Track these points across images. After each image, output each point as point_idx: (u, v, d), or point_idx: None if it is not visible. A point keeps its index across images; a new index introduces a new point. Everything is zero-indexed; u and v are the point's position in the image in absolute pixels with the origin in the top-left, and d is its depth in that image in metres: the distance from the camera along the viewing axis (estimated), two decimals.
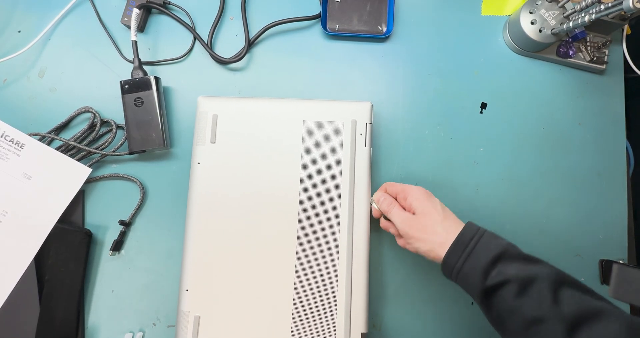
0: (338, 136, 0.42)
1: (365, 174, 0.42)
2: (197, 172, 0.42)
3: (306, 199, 0.41)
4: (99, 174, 0.45)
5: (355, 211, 0.41)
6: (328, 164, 0.42)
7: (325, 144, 0.42)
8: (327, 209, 0.41)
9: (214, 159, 0.42)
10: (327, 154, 0.42)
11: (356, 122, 0.43)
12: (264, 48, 0.49)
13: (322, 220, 0.41)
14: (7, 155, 0.42)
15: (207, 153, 0.42)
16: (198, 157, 0.42)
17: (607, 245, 0.47)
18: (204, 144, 0.42)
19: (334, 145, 0.42)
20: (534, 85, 0.49)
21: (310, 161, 0.42)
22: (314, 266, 0.40)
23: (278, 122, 0.43)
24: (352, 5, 0.49)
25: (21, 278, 0.41)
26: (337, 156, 0.42)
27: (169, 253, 0.44)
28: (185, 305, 0.40)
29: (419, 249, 0.35)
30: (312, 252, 0.41)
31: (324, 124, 0.43)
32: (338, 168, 0.42)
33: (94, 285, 0.44)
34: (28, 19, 0.48)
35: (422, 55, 0.49)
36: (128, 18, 0.46)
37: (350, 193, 0.42)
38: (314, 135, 0.42)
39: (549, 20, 0.46)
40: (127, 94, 0.44)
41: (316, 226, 0.41)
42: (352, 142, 0.42)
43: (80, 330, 0.42)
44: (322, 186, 0.42)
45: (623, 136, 0.49)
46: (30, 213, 0.42)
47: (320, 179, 0.42)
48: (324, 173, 0.42)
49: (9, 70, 0.47)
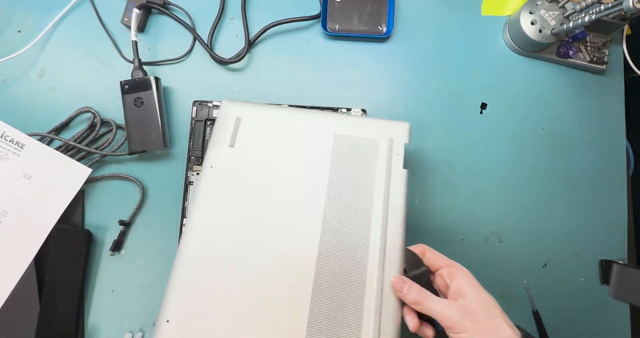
0: (372, 154, 0.38)
1: (401, 197, 0.37)
2: (208, 176, 0.36)
3: (331, 218, 0.36)
4: (99, 174, 0.45)
5: (388, 241, 0.35)
6: (359, 183, 0.37)
7: (357, 161, 0.38)
8: (354, 234, 0.35)
9: (229, 163, 0.37)
10: (358, 172, 0.37)
11: (392, 141, 0.39)
12: (264, 48, 0.49)
13: (347, 246, 0.35)
14: (7, 155, 0.42)
15: (223, 156, 0.37)
16: (212, 160, 0.37)
17: (607, 245, 0.47)
18: (220, 147, 0.37)
19: (366, 163, 0.38)
20: (534, 85, 0.49)
21: (339, 177, 0.37)
22: (331, 314, 0.33)
23: (306, 133, 0.39)
24: (352, 5, 0.49)
25: (21, 278, 0.41)
26: (369, 175, 0.37)
27: (169, 253, 0.44)
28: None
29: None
30: (330, 295, 0.33)
31: (358, 140, 0.38)
32: (370, 187, 0.37)
33: (94, 285, 0.44)
34: (28, 19, 0.48)
35: (422, 55, 0.49)
36: (128, 18, 0.46)
37: (384, 218, 0.35)
38: (345, 151, 0.38)
39: (549, 20, 0.46)
40: (127, 94, 0.44)
41: (340, 253, 0.34)
42: (388, 162, 0.38)
43: (80, 330, 0.42)
44: (350, 206, 0.36)
45: (623, 136, 0.49)
46: (30, 213, 0.42)
47: (348, 198, 0.36)
48: (353, 192, 0.37)
49: (9, 70, 0.47)
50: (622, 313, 0.46)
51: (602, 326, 0.46)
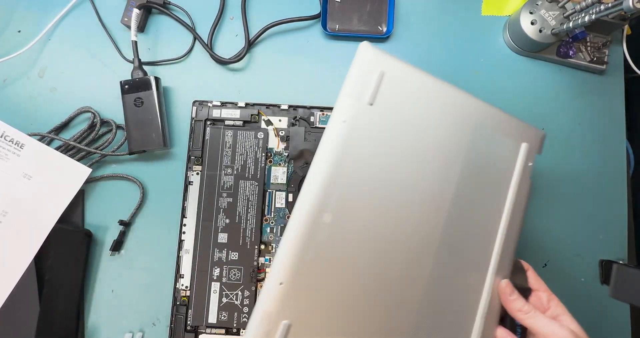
0: (509, 156, 0.36)
1: (523, 205, 0.36)
2: (340, 131, 0.30)
3: (458, 210, 0.34)
4: (99, 174, 0.45)
5: (504, 246, 0.35)
6: (492, 181, 0.35)
7: (493, 159, 0.36)
8: (479, 230, 0.35)
9: (364, 123, 0.31)
10: (492, 170, 0.36)
11: (527, 148, 0.37)
12: (264, 48, 0.49)
13: (470, 241, 0.34)
14: (7, 155, 0.42)
15: (359, 113, 0.31)
16: (345, 114, 0.31)
17: (607, 245, 0.47)
18: (358, 101, 0.31)
19: (502, 164, 0.36)
20: (534, 85, 0.49)
21: (471, 171, 0.34)
22: (446, 299, 0.33)
23: (448, 112, 0.34)
24: (352, 5, 0.49)
25: (21, 278, 0.41)
26: (503, 176, 0.36)
27: (169, 253, 0.44)
28: (274, 303, 0.28)
29: None
30: (444, 289, 0.33)
31: (497, 137, 0.36)
32: (503, 189, 0.36)
33: (94, 285, 0.44)
34: (28, 19, 0.48)
35: (422, 55, 0.49)
36: (128, 18, 0.46)
37: (508, 223, 0.35)
38: (483, 145, 0.35)
39: (549, 20, 0.46)
40: (127, 94, 0.44)
41: (462, 245, 0.34)
42: (520, 170, 0.36)
43: (80, 330, 0.42)
44: (479, 203, 0.35)
45: (623, 136, 0.49)
46: (30, 213, 0.42)
47: (478, 195, 0.35)
48: (484, 189, 0.35)
49: (9, 70, 0.47)
50: (622, 313, 0.46)
51: (602, 326, 0.46)
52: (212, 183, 0.44)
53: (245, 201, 0.44)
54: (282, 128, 0.46)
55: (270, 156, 0.45)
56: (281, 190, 0.44)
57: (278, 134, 0.45)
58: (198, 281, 0.42)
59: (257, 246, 0.43)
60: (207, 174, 0.44)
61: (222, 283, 0.42)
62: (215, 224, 0.43)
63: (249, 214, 0.43)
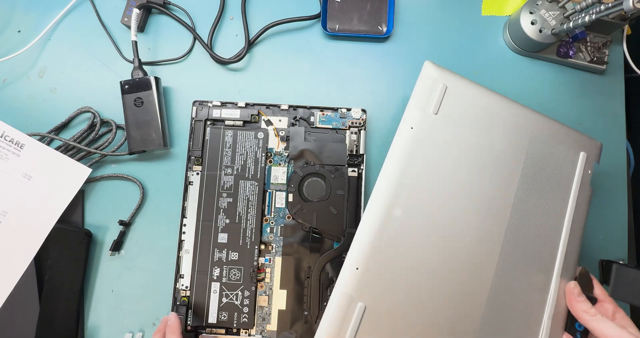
0: (568, 166, 0.39)
1: (585, 213, 0.39)
2: (408, 136, 0.35)
3: (519, 216, 0.37)
4: (98, 174, 0.45)
5: (568, 252, 0.37)
6: (552, 189, 0.38)
7: (551, 168, 0.38)
8: (543, 236, 0.37)
9: (429, 130, 0.36)
10: (552, 179, 0.38)
11: (586, 157, 0.39)
12: (264, 48, 0.49)
13: (533, 246, 0.37)
14: (7, 155, 0.42)
15: (424, 121, 0.36)
16: (412, 121, 0.36)
17: (607, 245, 0.47)
18: (424, 111, 0.36)
19: (562, 173, 0.38)
20: (534, 85, 0.49)
21: (531, 179, 0.37)
22: (512, 297, 0.35)
23: (506, 124, 0.38)
24: (352, 5, 0.49)
25: (21, 278, 0.41)
26: (564, 184, 0.38)
27: (169, 253, 0.44)
28: (351, 286, 0.31)
29: None
30: (513, 280, 0.35)
31: (555, 148, 0.39)
32: (564, 196, 0.38)
33: (94, 285, 0.44)
34: (28, 19, 0.48)
35: (422, 55, 0.49)
36: (128, 18, 0.46)
37: (570, 230, 0.38)
38: (540, 155, 0.38)
39: (549, 20, 0.46)
40: (127, 94, 0.44)
41: (525, 246, 0.36)
42: (579, 177, 0.39)
43: (80, 330, 0.42)
44: (541, 210, 0.37)
45: (623, 136, 0.49)
46: (30, 213, 0.42)
47: (540, 202, 0.37)
48: (545, 197, 0.38)
49: (9, 70, 0.47)
50: None
51: None
52: (212, 183, 0.44)
53: (246, 201, 0.44)
54: (282, 128, 0.45)
55: (270, 156, 0.45)
56: (281, 190, 0.44)
57: (278, 134, 0.45)
58: (198, 281, 0.42)
59: (257, 246, 0.43)
60: (207, 174, 0.44)
61: (222, 283, 0.42)
62: (215, 224, 0.43)
63: (249, 214, 0.43)
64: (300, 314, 0.42)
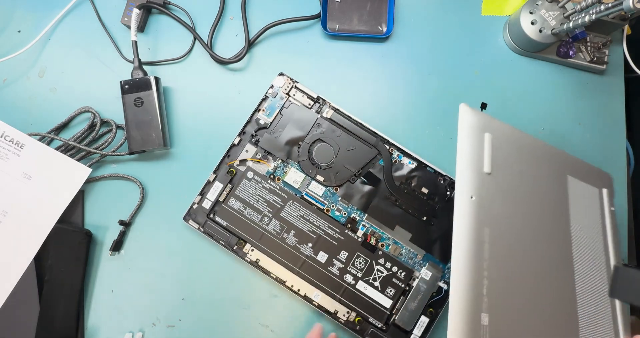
0: (599, 203, 0.39)
1: (617, 250, 0.40)
2: (469, 208, 0.32)
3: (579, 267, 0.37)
4: (98, 174, 0.45)
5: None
6: (592, 234, 0.38)
7: (588, 207, 0.38)
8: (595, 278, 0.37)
9: (489, 194, 0.32)
10: (591, 217, 0.38)
11: (608, 194, 0.39)
12: (264, 48, 0.49)
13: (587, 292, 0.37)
14: (7, 155, 0.42)
15: (483, 185, 0.32)
16: (472, 189, 0.32)
17: None
18: (479, 173, 0.32)
19: (596, 210, 0.39)
20: (534, 85, 0.49)
21: (579, 220, 0.37)
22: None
23: (545, 169, 0.37)
24: (352, 5, 0.49)
25: (21, 278, 0.41)
26: (601, 222, 0.39)
27: (169, 253, 0.44)
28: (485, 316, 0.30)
29: None
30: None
31: (585, 187, 0.39)
32: (604, 235, 0.38)
33: (94, 285, 0.44)
34: (28, 19, 0.48)
35: (422, 55, 0.49)
36: (128, 18, 0.46)
37: (610, 267, 0.39)
38: (579, 193, 0.38)
39: (549, 20, 0.46)
40: (127, 94, 0.44)
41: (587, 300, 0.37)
42: (609, 216, 0.39)
43: (80, 330, 0.42)
44: (591, 252, 0.37)
45: (623, 136, 0.49)
46: (30, 213, 0.42)
47: (588, 244, 0.37)
48: (591, 237, 0.38)
49: (9, 70, 0.47)
50: None
51: None
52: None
53: (301, 221, 0.44)
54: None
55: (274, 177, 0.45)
56: (308, 185, 0.44)
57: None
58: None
59: (347, 230, 0.44)
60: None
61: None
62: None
63: (313, 223, 0.44)
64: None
